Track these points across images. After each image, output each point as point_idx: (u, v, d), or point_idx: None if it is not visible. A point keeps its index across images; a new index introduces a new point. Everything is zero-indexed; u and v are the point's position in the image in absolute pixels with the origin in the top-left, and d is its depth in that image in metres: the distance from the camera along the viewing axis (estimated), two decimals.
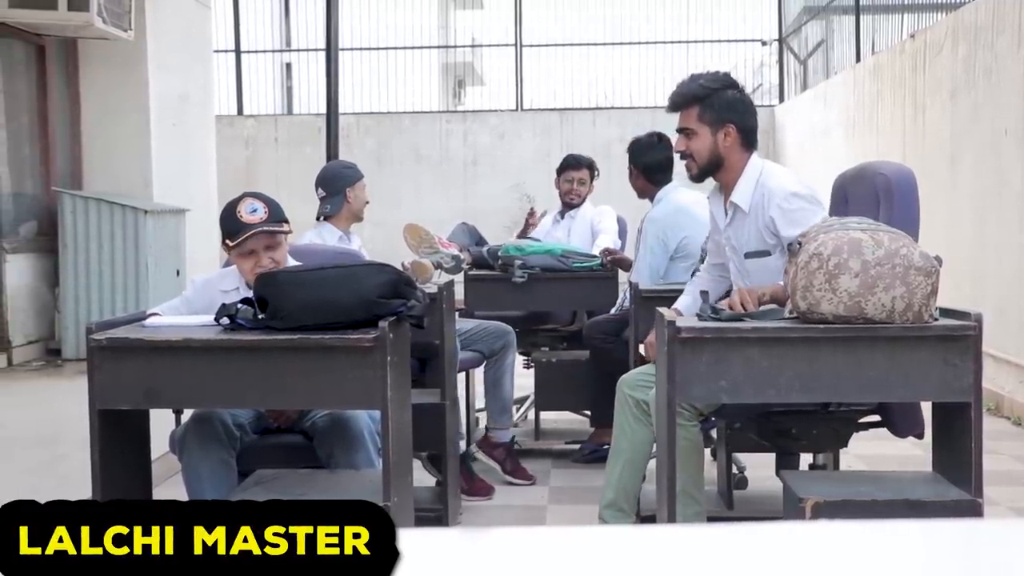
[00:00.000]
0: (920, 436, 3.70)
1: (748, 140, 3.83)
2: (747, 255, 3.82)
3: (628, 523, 4.05)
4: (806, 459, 4.60)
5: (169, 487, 4.71)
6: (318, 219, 5.22)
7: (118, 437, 3.18)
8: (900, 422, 3.65)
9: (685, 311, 4.07)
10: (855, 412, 3.68)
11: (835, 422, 3.71)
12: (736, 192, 3.81)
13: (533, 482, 5.26)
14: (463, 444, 5.11)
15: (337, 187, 5.25)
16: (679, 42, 15.74)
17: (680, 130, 3.86)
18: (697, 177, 3.89)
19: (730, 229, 3.89)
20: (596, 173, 6.41)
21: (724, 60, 16.18)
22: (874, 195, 3.63)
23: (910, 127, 8.81)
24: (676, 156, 3.97)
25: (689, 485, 3.67)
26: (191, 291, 3.86)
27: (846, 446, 3.89)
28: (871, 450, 5.51)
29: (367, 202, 5.37)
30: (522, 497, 5.08)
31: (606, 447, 5.14)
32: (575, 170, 6.34)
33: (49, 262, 8.69)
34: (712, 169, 3.84)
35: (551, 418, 6.52)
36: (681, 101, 3.85)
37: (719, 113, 3.78)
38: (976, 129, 7.35)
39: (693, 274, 4.39)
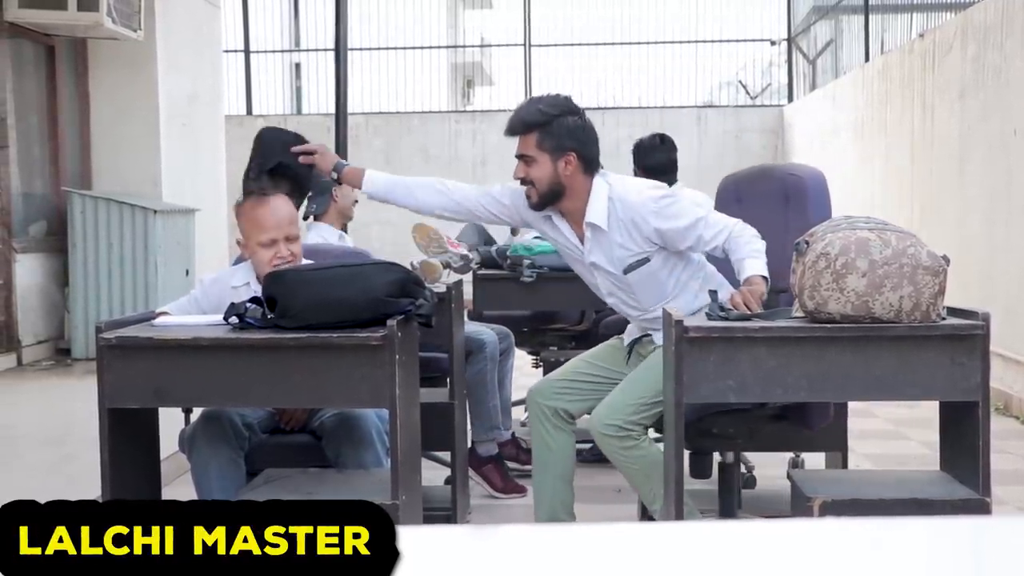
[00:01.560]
0: (816, 429, 3.80)
1: (590, 167, 3.75)
2: (627, 270, 3.75)
3: None
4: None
5: (178, 486, 4.72)
6: (305, 219, 5.19)
7: (127, 436, 3.18)
8: (813, 415, 3.68)
9: (368, 181, 3.95)
10: (769, 408, 3.71)
11: (750, 420, 3.72)
12: (591, 213, 3.73)
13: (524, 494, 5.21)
14: (496, 447, 5.12)
15: (323, 186, 5.22)
16: (688, 42, 15.73)
17: (519, 156, 3.77)
18: (537, 205, 3.79)
19: (595, 253, 3.79)
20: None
21: (733, 60, 16.20)
22: (782, 195, 3.63)
23: (919, 127, 8.79)
24: (519, 181, 3.82)
25: None
26: (199, 290, 3.87)
27: (752, 440, 3.89)
28: (878, 449, 5.51)
29: (355, 201, 5.34)
30: (531, 496, 5.07)
31: None
32: None
33: (58, 262, 8.71)
34: (553, 197, 3.76)
35: None
36: (519, 127, 3.75)
37: (559, 140, 3.70)
38: (985, 129, 7.33)
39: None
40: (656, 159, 5.46)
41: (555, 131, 3.70)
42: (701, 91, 16.24)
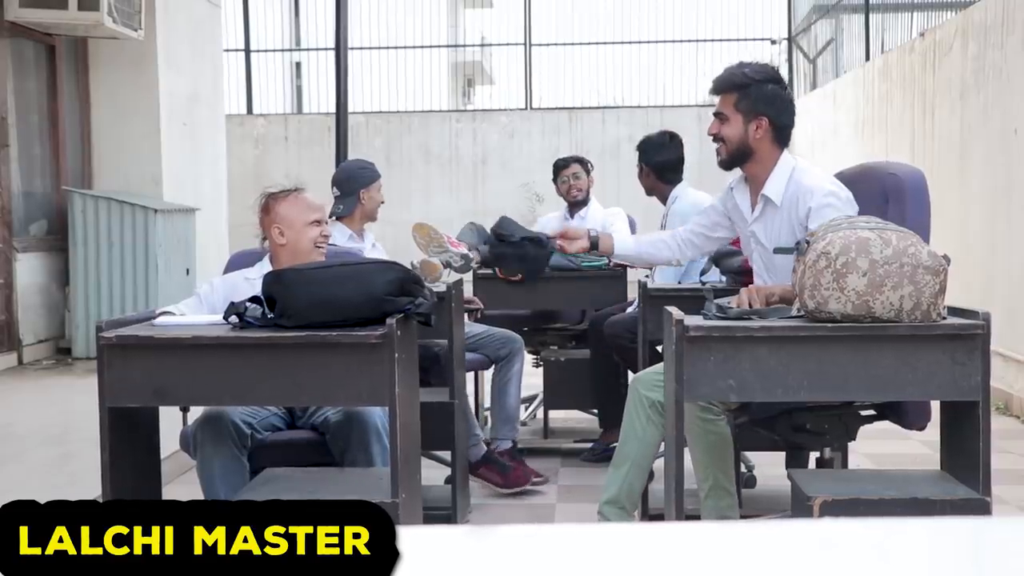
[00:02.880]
0: (923, 428, 3.72)
1: (780, 136, 3.84)
2: (776, 250, 3.80)
3: (628, 521, 4.06)
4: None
5: (179, 485, 4.72)
6: (330, 218, 5.21)
7: (128, 435, 3.18)
8: (912, 415, 3.65)
9: (619, 245, 4.40)
10: (865, 406, 3.68)
11: (846, 416, 3.71)
12: (769, 185, 3.82)
13: (546, 480, 5.25)
14: (484, 447, 5.10)
15: (351, 188, 5.25)
16: (688, 41, 15.73)
17: (716, 113, 3.89)
18: (725, 163, 3.91)
19: (758, 223, 3.88)
20: (589, 166, 6.43)
21: (733, 59, 16.15)
22: (882, 195, 3.62)
23: (919, 126, 8.79)
24: (711, 138, 3.96)
25: (722, 479, 3.79)
26: (208, 288, 3.91)
27: (854, 439, 3.89)
28: (879, 449, 5.50)
29: (382, 202, 5.37)
30: (531, 496, 5.08)
31: (615, 446, 5.14)
32: (565, 168, 6.38)
33: (59, 261, 8.72)
34: (740, 158, 3.85)
35: (560, 417, 6.52)
36: (722, 86, 3.88)
37: (754, 104, 3.79)
38: (985, 128, 7.33)
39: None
40: (665, 156, 5.47)
41: (753, 94, 3.80)
42: (701, 90, 16.24)
